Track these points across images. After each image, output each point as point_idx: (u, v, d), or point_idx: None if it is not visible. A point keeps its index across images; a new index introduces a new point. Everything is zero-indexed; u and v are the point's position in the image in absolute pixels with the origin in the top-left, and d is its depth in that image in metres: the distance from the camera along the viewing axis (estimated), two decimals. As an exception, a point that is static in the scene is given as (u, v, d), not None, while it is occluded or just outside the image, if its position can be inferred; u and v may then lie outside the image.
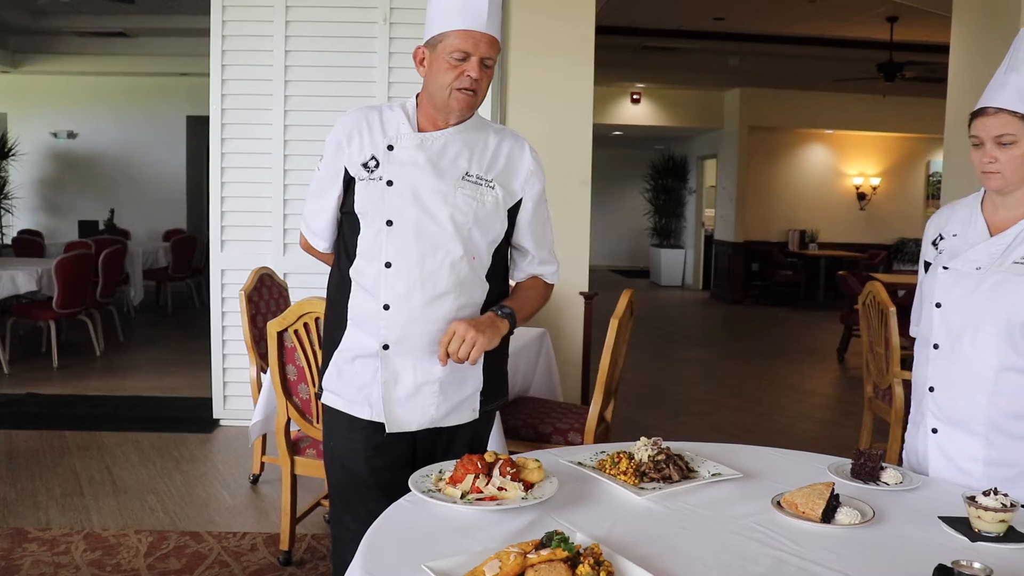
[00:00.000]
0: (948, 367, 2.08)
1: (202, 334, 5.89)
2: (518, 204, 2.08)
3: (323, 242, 2.13)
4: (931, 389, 2.12)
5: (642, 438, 2.04)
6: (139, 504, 4.13)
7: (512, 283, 2.22)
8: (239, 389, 5.39)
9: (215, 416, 5.52)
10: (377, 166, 1.99)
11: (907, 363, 4.59)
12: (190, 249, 10.45)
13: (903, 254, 13.82)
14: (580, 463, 2.03)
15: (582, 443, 3.56)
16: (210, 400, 5.56)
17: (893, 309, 4.38)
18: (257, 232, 5.47)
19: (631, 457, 1.99)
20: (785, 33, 10.61)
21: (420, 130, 2.01)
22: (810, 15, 9.62)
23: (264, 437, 4.29)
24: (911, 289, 7.77)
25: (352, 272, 2.03)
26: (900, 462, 2.32)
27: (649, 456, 1.99)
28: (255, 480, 4.46)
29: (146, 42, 11.09)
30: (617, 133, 15.47)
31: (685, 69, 12.35)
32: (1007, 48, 2.14)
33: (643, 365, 7.82)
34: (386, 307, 1.98)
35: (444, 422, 2.07)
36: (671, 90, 13.48)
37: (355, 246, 2.02)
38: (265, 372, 3.85)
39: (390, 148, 2.00)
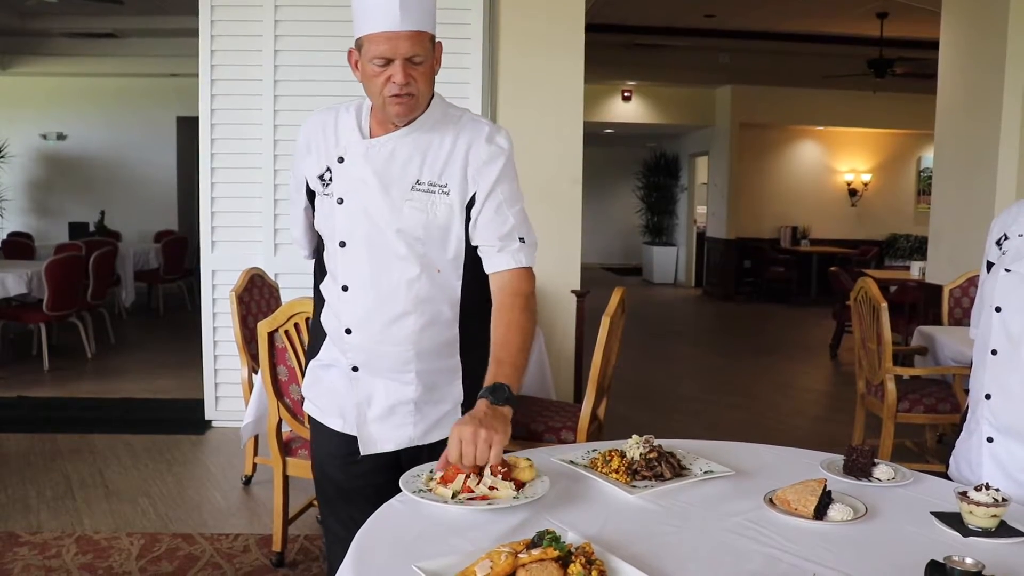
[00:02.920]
0: (1007, 374, 1.99)
1: (194, 335, 5.87)
2: (473, 199, 1.88)
3: (303, 250, 2.08)
4: (988, 396, 2.04)
5: (634, 436, 2.03)
6: (131, 507, 4.11)
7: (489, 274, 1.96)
8: (231, 390, 5.37)
9: (207, 417, 5.50)
10: (331, 180, 1.88)
11: (898, 359, 4.62)
12: (181, 250, 10.41)
13: (895, 250, 13.86)
14: (572, 461, 2.02)
15: (575, 441, 3.55)
16: (202, 402, 5.54)
17: (885, 305, 4.38)
18: (247, 232, 5.45)
19: (623, 455, 1.98)
20: (775, 30, 10.62)
21: (372, 135, 1.87)
22: (800, 11, 9.63)
23: (256, 438, 4.28)
24: (903, 285, 7.84)
25: (322, 289, 1.98)
26: (947, 469, 2.28)
27: (641, 454, 1.98)
28: (247, 481, 4.44)
29: (135, 43, 11.03)
30: (608, 131, 15.48)
31: (676, 66, 12.36)
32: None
33: (636, 362, 7.82)
34: (348, 331, 1.91)
35: (425, 440, 2.00)
36: (662, 87, 13.50)
37: (322, 263, 1.96)
38: (256, 373, 3.83)
39: (340, 160, 1.87)
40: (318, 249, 2.01)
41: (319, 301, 2.02)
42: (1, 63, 11.25)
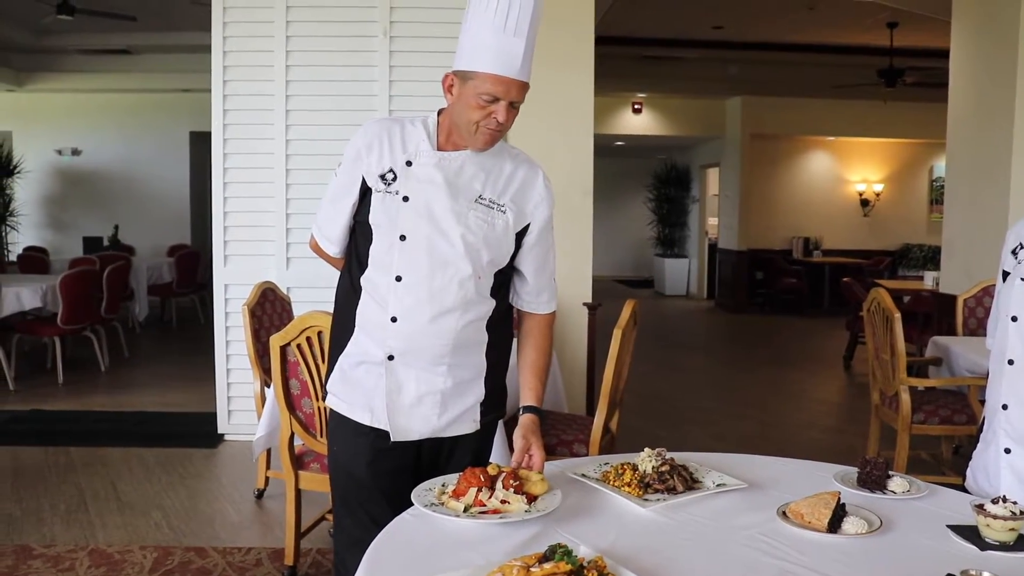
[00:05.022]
0: None
1: (207, 349, 5.90)
2: (526, 228, 2.10)
3: (335, 247, 2.15)
4: (1004, 407, 2.03)
5: (646, 449, 2.03)
6: (144, 520, 4.12)
7: (515, 311, 2.23)
8: (243, 404, 5.39)
9: (219, 431, 5.52)
10: (395, 179, 2.01)
11: (912, 370, 4.59)
12: (194, 264, 10.46)
13: (908, 260, 13.79)
14: (584, 475, 2.02)
15: (587, 454, 3.54)
16: (214, 415, 5.56)
17: (898, 315, 4.35)
18: (260, 247, 5.48)
19: (635, 468, 1.98)
20: (785, 41, 10.63)
21: (439, 148, 2.03)
22: (809, 22, 9.63)
23: (268, 451, 4.28)
24: (916, 295, 7.80)
25: (363, 280, 2.05)
26: (964, 480, 2.26)
27: (653, 467, 1.98)
28: (260, 495, 4.45)
29: (149, 59, 11.14)
30: (619, 143, 15.48)
31: (686, 78, 12.37)
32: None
33: (648, 375, 7.80)
34: (393, 319, 2.00)
35: (446, 432, 2.09)
36: (672, 99, 13.50)
37: (367, 255, 2.04)
38: (269, 387, 3.84)
39: (408, 164, 2.01)
40: (351, 245, 2.11)
41: (350, 295, 2.08)
42: (17, 80, 11.37)
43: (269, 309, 4.34)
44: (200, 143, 11.98)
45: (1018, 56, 5.73)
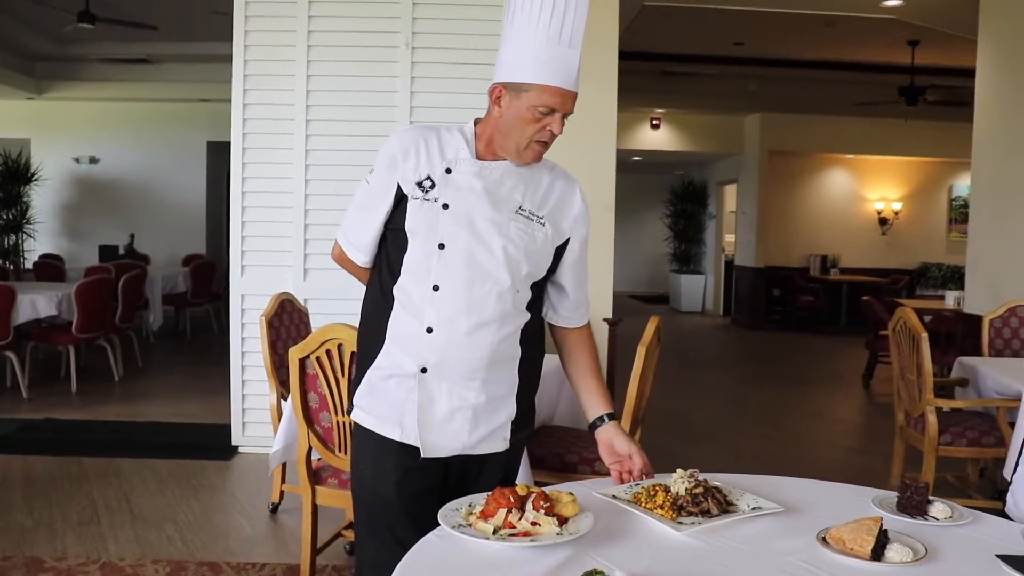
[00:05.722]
0: None
1: (221, 360, 5.86)
2: (565, 243, 2.08)
3: (364, 256, 2.08)
4: None
5: (678, 470, 1.97)
6: (156, 533, 4.07)
7: (549, 323, 2.20)
8: (258, 416, 5.34)
9: (234, 443, 5.47)
10: (432, 187, 1.96)
11: (937, 390, 4.50)
12: (210, 274, 10.46)
13: (926, 279, 13.67)
14: (614, 496, 1.96)
15: (609, 472, 3.47)
16: (229, 427, 5.50)
17: (925, 335, 4.28)
18: (278, 257, 5.44)
19: (667, 490, 1.92)
20: (805, 58, 10.57)
21: (479, 157, 1.99)
22: (829, 40, 9.57)
23: (284, 465, 4.23)
24: (938, 315, 7.69)
25: (396, 290, 1.99)
26: (1004, 506, 2.19)
27: (687, 489, 1.92)
28: (275, 509, 4.39)
29: (168, 68, 11.21)
30: (636, 158, 15.46)
31: (705, 94, 12.33)
32: None
33: (665, 391, 7.70)
34: (429, 330, 1.94)
35: (476, 450, 2.02)
36: (691, 115, 13.47)
37: (400, 264, 1.98)
38: (285, 399, 3.79)
39: (448, 171, 1.97)
40: (380, 255, 2.06)
41: (381, 305, 2.02)
42: (37, 88, 11.44)
43: (287, 320, 4.30)
44: (217, 153, 12.02)
45: (1046, 74, 5.67)
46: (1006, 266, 6.06)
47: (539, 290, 2.08)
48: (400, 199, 1.99)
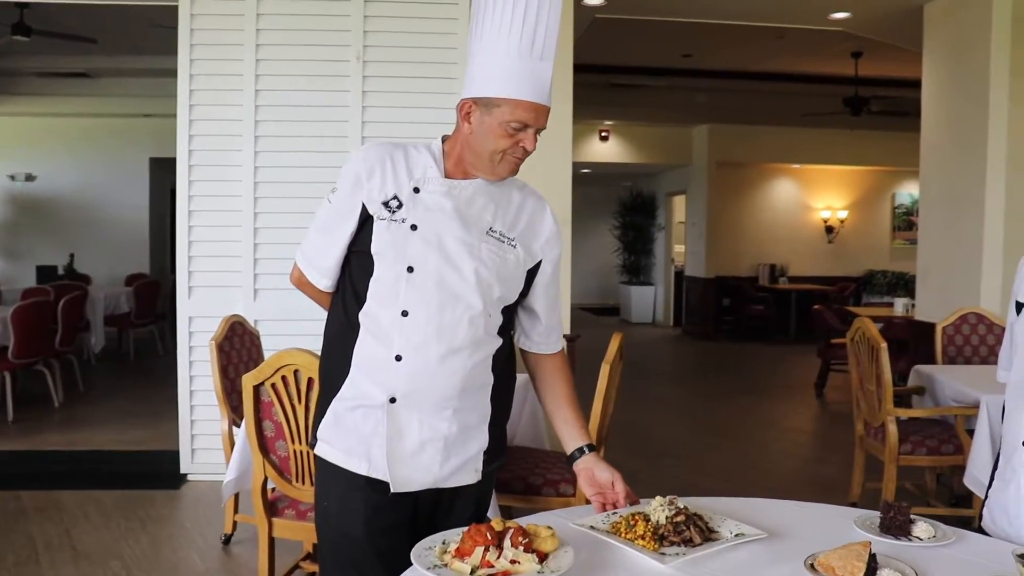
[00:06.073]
0: None
1: (167, 383, 5.65)
2: (537, 266, 2.00)
3: (326, 279, 1.97)
4: None
5: (657, 497, 1.90)
6: (101, 570, 3.86)
7: (521, 349, 2.12)
8: (208, 442, 5.15)
9: (183, 471, 5.27)
10: (400, 207, 1.86)
11: (895, 399, 4.52)
12: (153, 294, 10.19)
13: (872, 286, 13.92)
14: (592, 527, 1.87)
15: (574, 494, 3.41)
16: (177, 453, 5.30)
17: (884, 345, 4.30)
18: (226, 277, 5.27)
19: (647, 519, 1.84)
20: (752, 69, 10.69)
21: (447, 176, 1.91)
22: (777, 51, 9.70)
23: (236, 494, 4.07)
24: (889, 322, 7.78)
25: (362, 316, 1.88)
26: (980, 520, 2.16)
27: (667, 518, 1.84)
28: (227, 540, 4.21)
29: (109, 83, 10.88)
30: (585, 171, 15.49)
31: (653, 106, 12.41)
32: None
33: (620, 405, 7.64)
34: (398, 358, 1.84)
35: (447, 482, 1.92)
36: (639, 127, 13.55)
37: (366, 288, 1.88)
38: (237, 426, 3.64)
39: (416, 190, 1.87)
40: (343, 278, 1.96)
41: (346, 332, 1.90)
42: (-31, 104, 11.05)
43: (237, 344, 4.14)
44: (160, 169, 11.73)
45: (990, 83, 5.77)
46: (956, 273, 6.15)
47: (510, 314, 2.00)
48: (365, 219, 1.89)
